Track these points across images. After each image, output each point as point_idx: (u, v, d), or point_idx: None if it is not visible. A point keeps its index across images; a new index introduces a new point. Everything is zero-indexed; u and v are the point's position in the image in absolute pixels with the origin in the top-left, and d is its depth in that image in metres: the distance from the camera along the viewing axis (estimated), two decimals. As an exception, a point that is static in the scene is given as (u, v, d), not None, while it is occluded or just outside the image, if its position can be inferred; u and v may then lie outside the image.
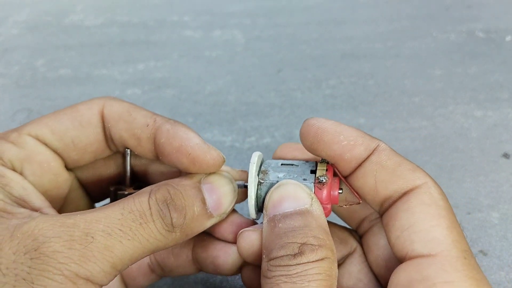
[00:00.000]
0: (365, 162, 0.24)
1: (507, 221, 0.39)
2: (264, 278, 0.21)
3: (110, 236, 0.20)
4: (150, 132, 0.25)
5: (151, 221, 0.21)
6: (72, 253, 0.19)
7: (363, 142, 0.24)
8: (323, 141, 0.24)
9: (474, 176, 0.43)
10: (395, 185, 0.23)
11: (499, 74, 0.56)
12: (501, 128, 0.48)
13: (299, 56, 0.61)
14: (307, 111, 0.51)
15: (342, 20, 0.69)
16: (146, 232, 0.21)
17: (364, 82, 0.56)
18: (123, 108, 0.26)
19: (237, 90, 0.55)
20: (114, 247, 0.20)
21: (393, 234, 0.22)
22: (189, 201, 0.23)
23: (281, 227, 0.22)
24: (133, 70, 0.59)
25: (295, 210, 0.22)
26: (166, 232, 0.21)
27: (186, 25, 0.69)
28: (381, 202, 0.24)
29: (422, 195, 0.22)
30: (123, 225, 0.20)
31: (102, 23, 0.70)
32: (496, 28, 0.66)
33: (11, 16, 0.72)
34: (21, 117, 0.51)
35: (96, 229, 0.20)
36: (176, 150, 0.24)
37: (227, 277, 0.35)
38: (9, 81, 0.57)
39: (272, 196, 0.23)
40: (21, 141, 0.24)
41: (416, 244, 0.21)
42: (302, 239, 0.21)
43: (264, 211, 0.23)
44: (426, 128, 0.48)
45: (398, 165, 0.23)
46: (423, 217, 0.22)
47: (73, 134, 0.26)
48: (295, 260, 0.20)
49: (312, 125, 0.24)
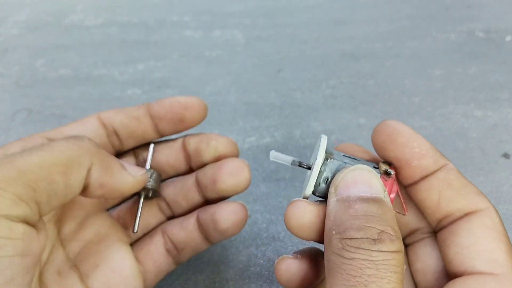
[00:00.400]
0: (431, 177, 0.25)
1: (507, 221, 0.39)
2: (336, 256, 0.20)
3: (12, 156, 0.21)
4: (144, 109, 0.31)
5: (53, 141, 0.23)
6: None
7: (434, 155, 0.25)
8: (396, 142, 0.25)
9: (474, 176, 0.43)
10: (459, 204, 0.24)
11: (499, 74, 0.56)
12: (501, 128, 0.48)
13: (299, 56, 0.61)
14: (307, 111, 0.51)
15: (342, 20, 0.69)
16: (48, 145, 0.22)
17: (364, 82, 0.56)
18: (115, 109, 0.32)
19: (237, 90, 0.55)
20: (16, 159, 0.21)
21: (451, 249, 0.23)
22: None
23: (357, 209, 0.21)
24: (133, 70, 0.59)
25: (372, 196, 0.22)
26: (72, 140, 0.24)
27: (186, 25, 0.69)
28: (440, 219, 0.25)
29: (484, 218, 0.23)
30: (25, 147, 0.23)
31: (102, 23, 0.70)
32: (496, 28, 0.66)
33: (11, 16, 0.72)
34: (21, 117, 0.51)
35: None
36: (169, 107, 0.30)
37: (230, 280, 0.35)
38: (9, 81, 0.57)
39: (346, 176, 0.23)
40: (30, 139, 0.28)
41: (477, 262, 0.22)
42: (381, 226, 0.21)
43: (332, 189, 0.23)
44: (426, 128, 0.48)
45: (464, 186, 0.24)
46: (485, 239, 0.23)
47: (78, 131, 0.30)
48: (377, 246, 0.20)
49: (389, 125, 0.25)
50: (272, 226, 0.39)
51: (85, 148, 0.24)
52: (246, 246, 0.38)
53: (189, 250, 0.31)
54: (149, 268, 0.30)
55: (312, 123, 0.50)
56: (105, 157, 0.25)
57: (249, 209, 0.40)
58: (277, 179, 0.43)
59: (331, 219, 0.22)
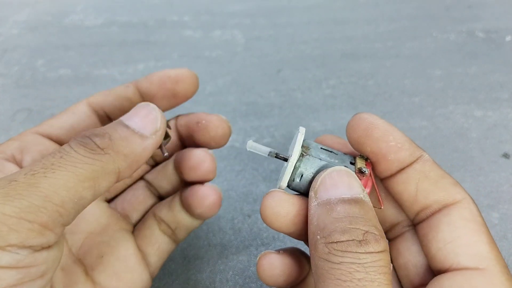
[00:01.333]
0: (408, 169, 0.25)
1: (507, 221, 0.39)
2: (324, 261, 0.20)
3: (34, 175, 0.20)
4: (133, 88, 0.30)
5: (71, 151, 0.21)
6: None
7: (410, 148, 0.25)
8: (372, 136, 0.24)
9: (474, 176, 0.43)
10: (436, 196, 0.24)
11: (499, 74, 0.56)
12: (501, 128, 0.48)
13: (299, 56, 0.61)
14: (307, 111, 0.51)
15: (342, 20, 0.69)
16: (69, 161, 0.20)
17: (364, 82, 0.56)
18: (103, 92, 0.31)
19: (237, 90, 0.55)
20: (39, 182, 0.19)
21: (434, 245, 0.23)
22: (110, 129, 0.23)
23: (339, 211, 0.21)
24: (133, 70, 0.59)
25: (352, 197, 0.22)
26: (94, 155, 0.21)
27: (186, 25, 0.69)
28: (418, 211, 0.25)
29: (463, 210, 0.23)
30: (45, 163, 0.20)
31: (102, 23, 0.70)
32: (496, 28, 0.66)
33: (11, 16, 0.72)
34: (21, 117, 0.51)
35: (19, 174, 0.20)
36: (157, 82, 0.30)
37: (230, 280, 0.35)
38: (9, 81, 0.57)
39: (324, 179, 0.23)
40: (23, 137, 0.28)
41: (461, 257, 0.22)
42: (365, 227, 0.20)
43: (312, 193, 0.23)
44: (426, 128, 0.48)
45: (441, 177, 0.24)
46: (466, 232, 0.23)
47: (70, 121, 0.30)
48: (363, 248, 0.20)
49: (364, 119, 0.25)
50: (272, 226, 0.39)
51: (108, 157, 0.22)
52: (246, 246, 0.38)
53: (182, 228, 0.31)
54: (149, 252, 0.30)
55: (312, 123, 0.50)
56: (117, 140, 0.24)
57: (249, 209, 0.40)
58: (277, 179, 0.43)
59: (314, 223, 0.22)
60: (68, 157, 0.21)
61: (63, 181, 0.20)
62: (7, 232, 0.18)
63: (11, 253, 0.18)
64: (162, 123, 0.25)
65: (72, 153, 0.21)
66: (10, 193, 0.18)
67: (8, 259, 0.18)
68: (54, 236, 0.20)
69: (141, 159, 0.24)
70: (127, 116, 0.25)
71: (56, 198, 0.19)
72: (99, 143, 0.22)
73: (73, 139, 0.22)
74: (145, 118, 0.25)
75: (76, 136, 0.22)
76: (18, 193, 0.19)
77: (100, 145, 0.22)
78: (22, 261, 0.18)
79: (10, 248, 0.18)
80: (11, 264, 0.18)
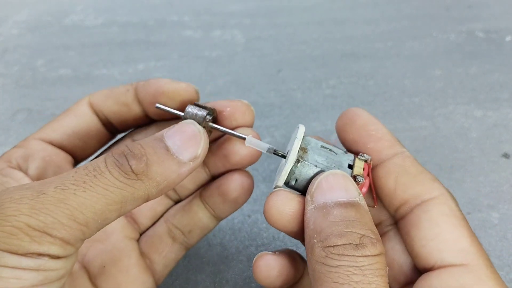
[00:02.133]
0: (388, 162, 0.25)
1: (507, 221, 0.39)
2: (321, 265, 0.20)
3: (63, 191, 0.19)
4: (132, 93, 0.29)
5: (106, 172, 0.21)
6: (22, 207, 0.19)
7: (390, 140, 0.25)
8: (355, 124, 0.26)
9: (474, 176, 0.43)
10: (414, 190, 0.24)
11: (499, 74, 0.56)
12: (501, 128, 0.48)
13: (299, 56, 0.61)
14: (307, 111, 0.51)
15: (342, 20, 0.69)
16: (101, 182, 0.20)
17: (364, 82, 0.56)
18: (104, 90, 0.30)
19: (237, 90, 0.55)
20: (68, 199, 0.19)
21: (417, 243, 0.23)
22: (149, 150, 0.22)
23: (336, 215, 0.21)
24: (133, 70, 0.59)
25: (349, 200, 0.22)
26: (127, 180, 0.21)
27: (186, 25, 0.69)
28: (397, 206, 0.25)
29: (442, 206, 0.23)
30: (76, 180, 0.20)
31: (102, 23, 0.70)
32: (496, 28, 0.66)
33: (11, 16, 0.72)
34: (21, 117, 0.51)
35: (49, 186, 0.20)
36: (152, 93, 0.28)
37: (230, 280, 0.35)
38: (9, 81, 0.57)
39: (321, 183, 0.23)
40: (27, 144, 0.28)
41: (445, 254, 0.22)
42: (361, 231, 0.20)
43: (308, 197, 0.23)
44: (426, 128, 0.48)
45: (420, 172, 0.25)
46: (447, 228, 0.23)
47: (72, 125, 0.29)
48: (360, 252, 0.20)
49: (351, 110, 0.26)
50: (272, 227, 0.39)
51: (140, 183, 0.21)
52: (246, 246, 0.38)
53: (197, 231, 0.30)
54: (155, 260, 0.30)
55: (312, 123, 0.50)
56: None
57: (249, 209, 0.40)
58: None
59: (310, 227, 0.22)
60: (101, 177, 0.20)
61: (91, 203, 0.20)
62: (28, 242, 0.18)
63: (32, 258, 0.19)
64: (204, 149, 0.24)
65: (106, 174, 0.21)
66: (37, 206, 0.19)
67: (29, 263, 0.18)
68: (74, 250, 0.20)
69: (173, 185, 0.23)
70: (170, 132, 0.23)
71: (82, 218, 0.19)
72: (134, 167, 0.21)
73: (110, 156, 0.21)
74: (188, 141, 0.23)
75: (114, 151, 0.22)
76: (45, 207, 0.19)
77: (135, 170, 0.21)
78: (42, 265, 0.19)
79: (30, 255, 0.18)
80: (32, 267, 0.19)
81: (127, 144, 0.22)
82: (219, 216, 0.30)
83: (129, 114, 0.29)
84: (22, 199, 0.19)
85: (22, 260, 0.18)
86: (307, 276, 0.27)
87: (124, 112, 0.29)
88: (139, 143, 0.22)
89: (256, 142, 0.26)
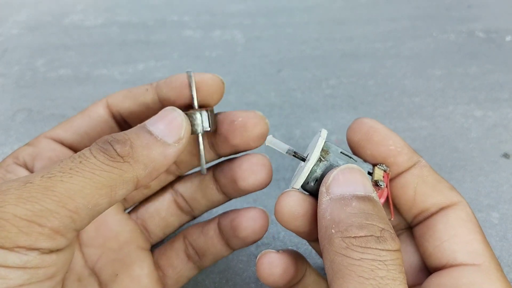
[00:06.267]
0: (406, 174, 0.25)
1: (507, 221, 0.39)
2: (342, 256, 0.20)
3: (50, 178, 0.19)
4: (152, 92, 0.28)
5: (91, 157, 0.21)
6: (9, 197, 0.18)
7: (408, 152, 0.25)
8: (372, 140, 0.25)
9: (474, 176, 0.43)
10: (434, 199, 0.25)
11: (499, 74, 0.56)
12: (501, 128, 0.48)
13: (299, 56, 0.61)
14: (307, 111, 0.51)
15: (342, 20, 0.69)
16: (88, 167, 0.20)
17: (364, 82, 0.56)
18: (122, 91, 0.29)
19: (237, 90, 0.55)
20: (55, 186, 0.19)
21: (431, 243, 0.24)
22: (133, 135, 0.22)
23: (355, 206, 0.21)
24: (133, 70, 0.59)
25: (366, 194, 0.22)
26: (113, 162, 0.21)
27: (186, 25, 0.69)
28: (416, 214, 0.25)
29: (459, 211, 0.24)
30: (63, 167, 0.20)
31: (102, 23, 0.70)
32: (496, 28, 0.66)
33: (11, 16, 0.72)
34: (21, 117, 0.51)
35: (35, 176, 0.19)
36: (178, 87, 0.27)
37: (230, 280, 0.35)
38: (9, 81, 0.57)
39: (337, 175, 0.23)
40: (37, 142, 0.28)
41: (458, 254, 0.23)
42: (381, 224, 0.20)
43: (323, 188, 0.23)
44: (426, 128, 0.48)
45: (438, 181, 0.25)
46: (462, 231, 0.23)
47: (85, 127, 0.29)
48: (382, 245, 0.19)
49: (365, 123, 0.25)
50: (272, 226, 0.39)
51: (128, 165, 0.21)
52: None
53: (210, 256, 0.30)
54: (169, 274, 0.30)
55: (312, 123, 0.50)
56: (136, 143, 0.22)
57: (249, 209, 0.40)
58: (277, 179, 0.43)
59: (327, 217, 0.21)
60: (87, 162, 0.20)
61: (79, 187, 0.19)
62: (16, 234, 0.18)
63: (19, 254, 0.18)
64: (187, 131, 0.24)
65: (92, 159, 0.20)
66: (23, 195, 0.18)
67: (15, 260, 0.18)
68: (65, 241, 0.19)
69: (162, 168, 0.23)
70: (151, 120, 0.24)
71: (71, 204, 0.19)
72: (119, 151, 0.21)
73: (95, 144, 0.21)
74: (170, 124, 0.24)
75: (98, 141, 0.22)
76: (32, 196, 0.18)
77: (120, 153, 0.21)
78: (29, 262, 0.18)
79: (18, 249, 0.18)
80: (18, 265, 0.18)
81: (111, 134, 0.22)
82: (232, 247, 0.30)
83: (147, 115, 0.28)
84: (8, 190, 0.19)
85: (8, 256, 0.18)
86: (308, 276, 0.27)
87: (142, 113, 0.29)
88: (122, 132, 0.23)
89: (277, 143, 0.26)
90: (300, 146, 0.47)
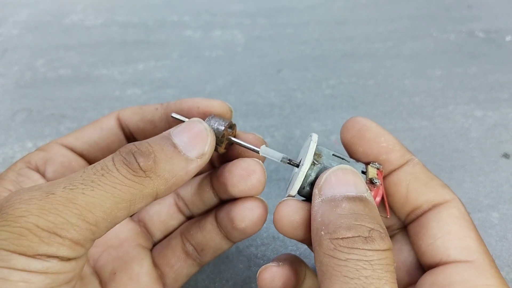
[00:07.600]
0: (399, 171, 0.26)
1: (507, 221, 0.39)
2: (330, 258, 0.20)
3: (72, 190, 0.19)
4: (161, 112, 0.29)
5: (114, 170, 0.21)
6: (32, 207, 0.18)
7: (400, 150, 0.26)
8: (364, 137, 0.25)
9: (474, 176, 0.43)
10: (427, 196, 0.25)
11: (499, 74, 0.56)
12: (501, 128, 0.48)
13: (299, 56, 0.61)
14: (307, 111, 0.51)
15: (342, 20, 0.69)
16: (110, 180, 0.20)
17: (364, 82, 0.56)
18: (134, 107, 0.30)
19: (237, 90, 0.55)
20: (77, 198, 0.19)
21: (424, 241, 0.24)
22: (156, 147, 0.22)
23: (345, 208, 0.21)
24: (133, 70, 0.59)
25: (357, 195, 0.22)
26: (135, 177, 0.21)
27: (186, 25, 0.69)
28: (408, 212, 0.25)
29: (452, 209, 0.24)
30: (85, 179, 0.20)
31: (102, 23, 0.70)
32: (496, 28, 0.66)
33: (11, 16, 0.72)
34: (21, 117, 0.51)
35: (57, 187, 0.20)
36: (186, 110, 0.27)
37: (230, 280, 0.35)
38: (9, 81, 0.57)
39: (329, 177, 0.23)
40: (49, 148, 0.29)
41: (452, 251, 0.23)
42: (370, 224, 0.20)
43: (316, 190, 0.23)
44: (426, 128, 0.48)
45: (430, 179, 0.25)
46: (455, 228, 0.23)
47: (96, 136, 0.30)
48: (369, 245, 0.20)
49: (358, 121, 0.26)
50: (272, 226, 0.39)
51: (148, 181, 0.21)
52: (246, 246, 0.38)
53: (209, 250, 0.29)
54: (168, 273, 0.29)
55: (312, 123, 0.50)
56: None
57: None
58: (277, 179, 0.43)
59: (317, 219, 0.22)
60: (109, 176, 0.20)
61: (100, 201, 0.20)
62: (38, 243, 0.18)
63: (41, 260, 0.18)
64: (211, 146, 0.24)
65: (114, 172, 0.21)
66: (46, 207, 0.19)
67: (37, 265, 0.18)
68: (83, 250, 0.20)
69: (182, 182, 0.23)
70: (177, 130, 0.24)
71: (91, 217, 0.19)
72: (142, 165, 0.21)
73: (118, 154, 0.21)
74: (195, 138, 0.24)
75: (121, 150, 0.22)
76: (54, 207, 0.19)
77: (143, 167, 0.21)
78: (50, 268, 0.19)
79: (39, 257, 0.18)
80: (40, 270, 0.18)
81: (134, 143, 0.22)
82: (231, 239, 0.29)
83: (153, 132, 0.29)
84: (31, 200, 0.19)
85: (31, 262, 0.18)
86: (308, 278, 0.27)
87: (148, 129, 0.30)
88: (146, 141, 0.23)
89: (270, 152, 0.26)
90: (300, 146, 0.47)
